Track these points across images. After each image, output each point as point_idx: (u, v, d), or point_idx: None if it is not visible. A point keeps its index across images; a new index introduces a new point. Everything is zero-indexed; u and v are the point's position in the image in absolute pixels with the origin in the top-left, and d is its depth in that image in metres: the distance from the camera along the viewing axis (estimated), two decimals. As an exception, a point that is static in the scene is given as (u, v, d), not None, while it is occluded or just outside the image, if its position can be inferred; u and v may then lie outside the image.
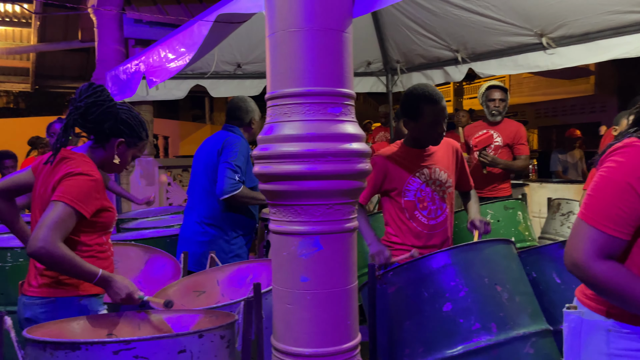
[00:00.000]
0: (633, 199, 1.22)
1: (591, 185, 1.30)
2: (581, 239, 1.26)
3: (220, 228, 2.88)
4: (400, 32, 5.14)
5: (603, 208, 1.24)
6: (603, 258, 1.24)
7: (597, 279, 1.23)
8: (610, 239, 1.23)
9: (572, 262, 1.26)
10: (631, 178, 1.22)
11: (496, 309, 1.62)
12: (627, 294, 1.21)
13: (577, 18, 3.91)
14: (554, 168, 6.94)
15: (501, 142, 3.92)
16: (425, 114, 2.20)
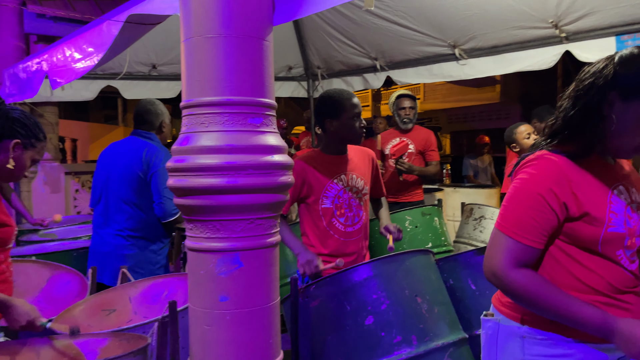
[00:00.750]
0: (545, 209, 1.27)
1: (506, 197, 1.34)
2: (498, 248, 1.29)
3: (147, 239, 2.71)
4: (321, 39, 5.17)
5: (518, 218, 1.28)
6: (519, 267, 1.28)
7: (514, 287, 1.26)
8: (526, 248, 1.27)
9: (490, 271, 1.30)
10: (543, 189, 1.27)
11: (416, 320, 1.64)
12: (541, 301, 1.26)
13: (486, 32, 4.13)
14: (465, 172, 7.30)
15: (414, 149, 4.06)
16: (346, 108, 2.26)
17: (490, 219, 3.61)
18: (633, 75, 1.24)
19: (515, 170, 1.38)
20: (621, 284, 1.31)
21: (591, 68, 1.33)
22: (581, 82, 1.33)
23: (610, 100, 1.27)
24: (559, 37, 3.79)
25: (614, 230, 1.28)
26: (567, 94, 1.38)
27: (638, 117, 1.25)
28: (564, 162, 1.30)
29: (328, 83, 5.62)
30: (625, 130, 1.28)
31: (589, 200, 1.28)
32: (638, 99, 1.24)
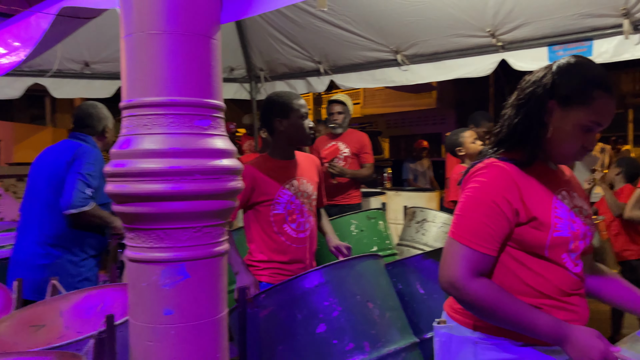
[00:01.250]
0: (499, 216, 1.28)
1: (459, 206, 1.34)
2: (455, 258, 1.28)
3: (66, 248, 2.54)
4: (264, 40, 5.10)
5: (473, 227, 1.28)
6: (476, 276, 1.28)
7: (472, 297, 1.26)
8: (482, 256, 1.28)
9: (448, 282, 1.28)
10: (496, 197, 1.28)
11: (368, 326, 1.62)
12: (498, 311, 1.26)
13: (427, 39, 4.22)
14: (405, 176, 7.45)
15: (349, 153, 4.09)
16: (295, 108, 2.25)
17: (431, 221, 3.68)
18: (570, 83, 1.28)
19: (465, 178, 1.39)
20: (567, 287, 1.34)
21: (531, 77, 1.37)
22: (522, 92, 1.36)
23: (549, 108, 1.31)
24: (495, 45, 3.94)
25: (559, 235, 1.31)
26: (510, 103, 1.40)
27: (577, 124, 1.29)
28: (513, 169, 1.32)
29: (271, 85, 5.56)
30: (565, 137, 1.31)
31: (536, 205, 1.31)
32: (576, 106, 1.28)
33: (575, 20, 3.52)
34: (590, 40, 3.62)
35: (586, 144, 1.32)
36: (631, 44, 3.46)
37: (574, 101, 1.28)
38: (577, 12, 3.46)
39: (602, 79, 1.29)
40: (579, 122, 1.29)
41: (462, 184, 1.39)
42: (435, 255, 2.03)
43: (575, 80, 1.29)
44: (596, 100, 1.28)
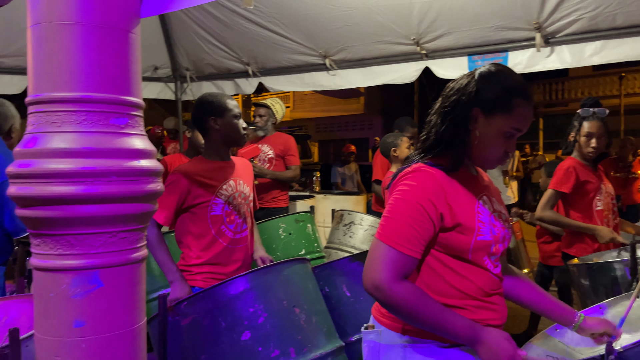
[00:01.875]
0: (425, 219, 1.30)
1: (387, 208, 1.34)
2: (380, 260, 1.28)
3: None
4: (190, 39, 4.96)
5: (400, 229, 1.29)
6: (401, 279, 1.28)
7: (395, 300, 1.26)
8: (407, 258, 1.29)
9: (372, 284, 1.28)
10: (423, 200, 1.30)
11: (294, 332, 1.60)
12: (419, 314, 1.27)
13: (355, 44, 4.28)
14: (334, 180, 7.53)
15: (273, 155, 4.07)
16: (229, 107, 2.22)
17: (359, 224, 3.73)
18: (493, 92, 1.33)
19: (393, 182, 1.39)
20: (488, 288, 1.39)
21: (455, 85, 1.40)
22: (447, 99, 1.39)
23: (474, 115, 1.34)
24: (419, 53, 4.07)
25: (482, 239, 1.35)
26: (435, 110, 1.43)
27: (500, 130, 1.34)
28: (439, 175, 1.34)
29: (197, 86, 5.42)
30: (489, 143, 1.36)
31: (461, 210, 1.34)
32: (499, 113, 1.33)
33: (492, 32, 3.71)
34: (506, 52, 3.83)
35: (508, 149, 1.38)
36: (542, 57, 3.70)
37: (497, 109, 1.33)
38: (494, 25, 3.65)
39: (521, 87, 1.35)
40: (501, 129, 1.34)
41: (390, 187, 1.40)
42: (362, 257, 2.04)
43: (497, 89, 1.34)
44: (516, 107, 1.33)
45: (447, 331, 1.29)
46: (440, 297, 1.35)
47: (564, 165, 2.74)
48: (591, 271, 2.25)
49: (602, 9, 3.26)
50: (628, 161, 6.23)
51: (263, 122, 4.16)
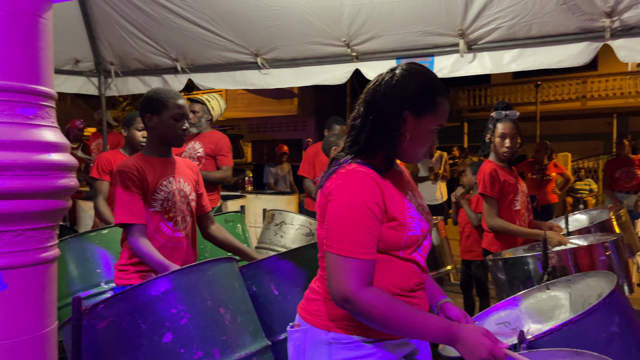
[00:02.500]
0: (374, 220, 1.31)
1: (332, 217, 1.32)
2: (344, 273, 1.27)
3: None
4: (114, 32, 4.75)
5: (354, 237, 1.28)
6: (367, 285, 1.28)
7: (368, 308, 1.26)
8: (368, 263, 1.29)
9: (342, 298, 1.27)
10: (368, 203, 1.30)
11: (219, 332, 1.56)
12: (393, 318, 1.27)
13: (287, 44, 4.28)
14: (266, 180, 7.48)
15: (203, 153, 3.94)
16: (169, 106, 2.14)
17: (290, 224, 3.72)
18: (420, 93, 1.37)
19: (326, 184, 1.38)
20: (414, 282, 1.42)
21: (378, 89, 1.39)
22: (375, 104, 1.38)
23: (404, 118, 1.37)
24: (350, 55, 4.13)
25: (413, 234, 1.38)
26: (360, 115, 1.40)
27: (428, 128, 1.39)
28: (374, 174, 1.36)
29: (123, 81, 5.20)
30: (419, 141, 1.40)
31: (394, 207, 1.37)
32: (426, 113, 1.37)
33: (419, 37, 3.83)
34: (432, 56, 3.97)
35: (433, 144, 1.44)
36: (465, 62, 3.87)
37: (425, 110, 1.38)
38: (421, 30, 3.77)
39: (441, 85, 1.41)
40: (429, 127, 1.39)
41: (324, 189, 1.38)
42: (290, 255, 2.03)
43: (425, 91, 1.38)
44: (440, 105, 1.39)
45: (422, 333, 1.30)
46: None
47: (486, 169, 2.85)
48: (507, 265, 2.37)
49: (519, 19, 3.46)
50: (543, 164, 6.64)
51: (196, 119, 4.03)
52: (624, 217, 3.03)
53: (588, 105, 16.12)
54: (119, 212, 2.01)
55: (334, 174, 1.37)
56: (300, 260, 2.03)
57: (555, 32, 3.54)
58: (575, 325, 1.36)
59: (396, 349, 1.39)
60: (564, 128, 16.37)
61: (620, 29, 3.34)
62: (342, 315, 1.37)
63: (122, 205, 2.01)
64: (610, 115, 15.60)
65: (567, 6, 3.27)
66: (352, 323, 1.36)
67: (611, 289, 1.42)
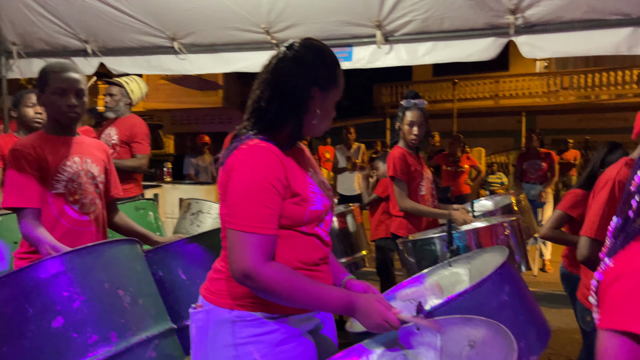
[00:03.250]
0: (275, 195, 1.30)
1: (233, 193, 1.30)
2: (244, 248, 1.25)
3: None
4: (16, 10, 4.41)
5: (255, 212, 1.27)
6: (269, 260, 1.27)
7: (269, 283, 1.25)
8: (269, 238, 1.28)
9: (242, 274, 1.25)
10: (269, 177, 1.29)
11: (117, 315, 1.48)
12: (295, 292, 1.27)
13: (205, 29, 4.17)
14: (186, 171, 7.28)
15: (117, 140, 3.74)
16: (50, 81, 1.99)
17: (207, 213, 3.64)
18: (327, 71, 1.38)
19: (227, 161, 1.35)
20: (317, 257, 1.43)
21: (284, 64, 1.38)
22: (283, 83, 1.36)
23: (312, 96, 1.37)
24: (270, 43, 4.08)
25: (316, 208, 1.39)
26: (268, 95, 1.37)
27: (333, 102, 1.41)
28: (276, 150, 1.34)
29: (27, 63, 4.83)
30: (325, 115, 1.41)
31: (297, 182, 1.37)
32: (332, 87, 1.39)
33: (337, 26, 3.86)
34: (350, 47, 4.02)
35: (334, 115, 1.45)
36: (383, 53, 3.95)
37: (331, 84, 1.39)
38: (339, 20, 3.81)
39: (336, 58, 1.43)
40: (333, 100, 1.42)
41: (225, 165, 1.35)
42: (200, 239, 1.98)
43: (329, 66, 1.40)
44: (339, 77, 1.42)
45: (323, 304, 1.31)
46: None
47: (395, 154, 2.95)
48: (415, 247, 2.45)
49: (432, 12, 3.58)
50: (457, 156, 6.96)
51: (114, 103, 3.81)
52: (523, 201, 3.24)
53: (500, 104, 17.12)
54: (7, 195, 1.87)
55: (235, 150, 1.35)
56: (210, 245, 1.98)
57: (465, 27, 3.70)
58: (469, 295, 1.42)
59: (301, 324, 1.40)
60: (478, 125, 17.28)
61: (523, 26, 3.55)
62: (245, 293, 1.35)
63: (12, 188, 1.87)
64: (520, 114, 16.65)
65: (475, 2, 3.43)
66: (255, 300, 1.35)
67: (502, 261, 1.50)
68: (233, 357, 1.33)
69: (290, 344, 1.35)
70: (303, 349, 1.37)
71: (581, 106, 15.99)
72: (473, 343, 1.19)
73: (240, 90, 18.83)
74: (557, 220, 2.66)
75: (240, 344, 1.33)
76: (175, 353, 1.63)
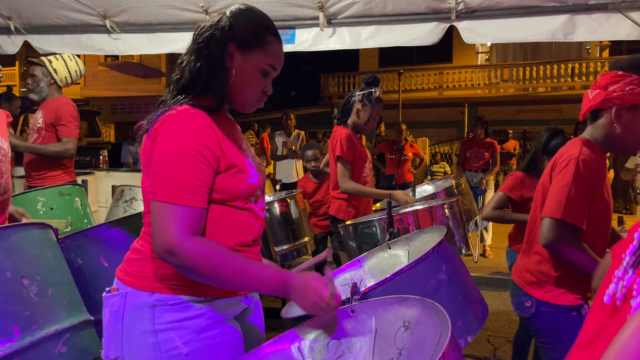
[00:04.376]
0: (205, 165, 1.20)
1: (158, 162, 1.19)
2: (168, 221, 1.14)
3: None
4: None
5: (181, 183, 1.16)
6: (195, 235, 1.16)
7: (192, 259, 1.14)
8: (196, 211, 1.18)
9: (164, 249, 1.14)
10: (198, 146, 1.19)
11: (20, 307, 1.32)
12: (224, 269, 1.17)
13: (139, 6, 3.95)
14: (124, 159, 6.97)
15: (43, 124, 3.44)
16: None
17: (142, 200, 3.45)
18: (247, 27, 1.29)
19: (153, 127, 1.24)
20: (251, 237, 1.33)
21: (206, 23, 1.32)
22: (200, 36, 1.30)
23: (230, 52, 1.28)
24: (209, 22, 3.92)
25: (252, 182, 1.30)
26: (188, 50, 1.33)
27: (256, 66, 1.30)
28: (206, 117, 1.24)
29: (-59, 40, 4.43)
30: (247, 81, 1.31)
31: (232, 152, 1.28)
32: (254, 49, 1.29)
33: (279, 7, 3.75)
34: (293, 29, 3.92)
35: (266, 89, 1.35)
36: (326, 36, 3.87)
37: (252, 45, 1.29)
38: (282, 0, 3.69)
39: (272, 25, 1.34)
40: (258, 66, 1.30)
41: (151, 133, 1.23)
42: (124, 223, 1.84)
43: (251, 24, 1.30)
44: (270, 44, 1.31)
45: (255, 284, 1.21)
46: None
47: (342, 134, 2.89)
48: (356, 231, 2.40)
49: (375, -5, 3.53)
50: (401, 145, 7.02)
51: (35, 84, 3.49)
52: (463, 185, 3.27)
53: (444, 95, 17.49)
54: None
55: (162, 116, 1.24)
56: (135, 229, 1.83)
57: (408, 11, 3.68)
58: (405, 274, 1.37)
59: (227, 309, 1.30)
60: (423, 115, 17.59)
61: (464, 11, 3.57)
62: (169, 274, 1.25)
63: None
64: (463, 105, 17.08)
65: (417, -15, 3.41)
66: (180, 282, 1.25)
67: (440, 239, 1.46)
68: (152, 344, 1.21)
69: (215, 330, 1.25)
70: (228, 335, 1.27)
71: (520, 98, 16.58)
72: (407, 323, 1.13)
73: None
74: (497, 201, 2.72)
75: (161, 330, 1.22)
76: (92, 347, 1.48)
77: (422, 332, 1.08)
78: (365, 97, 2.93)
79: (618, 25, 3.38)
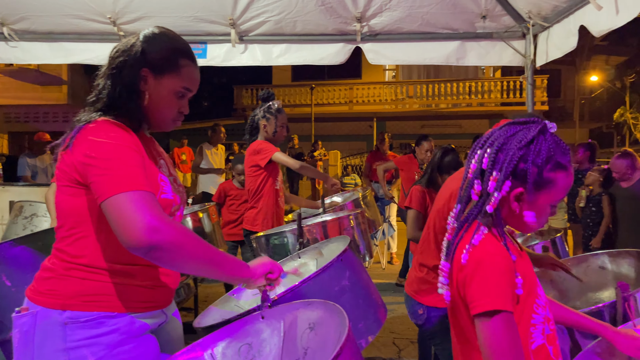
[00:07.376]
0: (141, 162, 1.24)
1: (98, 166, 1.19)
2: (133, 211, 1.13)
3: None
4: None
5: (129, 173, 1.18)
6: (161, 216, 1.16)
7: (179, 230, 1.17)
8: (153, 196, 1.19)
9: (146, 230, 1.12)
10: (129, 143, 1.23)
11: None
12: (199, 248, 1.20)
13: (41, 14, 3.80)
14: (22, 173, 6.51)
15: None
16: None
17: (43, 216, 3.30)
18: (160, 52, 1.33)
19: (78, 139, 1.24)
20: None
21: (120, 46, 1.35)
22: (114, 61, 1.33)
23: (143, 76, 1.32)
24: (117, 35, 3.85)
25: (165, 197, 1.33)
26: (103, 73, 1.35)
27: (171, 90, 1.35)
28: (127, 129, 1.28)
29: None
30: (162, 103, 1.36)
31: (148, 165, 1.30)
32: (168, 74, 1.34)
33: (190, 22, 3.78)
34: (204, 44, 3.96)
35: (182, 109, 1.40)
36: (238, 52, 3.95)
37: (165, 69, 1.33)
38: (193, 15, 3.73)
39: (187, 48, 1.39)
40: (172, 89, 1.35)
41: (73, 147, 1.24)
42: (28, 240, 1.79)
43: (163, 48, 1.34)
44: (184, 67, 1.36)
45: (220, 269, 1.28)
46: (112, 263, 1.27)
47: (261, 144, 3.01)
48: (268, 242, 2.49)
49: (285, 15, 3.67)
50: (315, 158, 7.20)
51: None
52: (369, 197, 3.48)
53: (354, 110, 18.11)
54: None
55: (82, 129, 1.25)
56: (41, 246, 1.80)
57: (317, 32, 3.87)
58: (312, 281, 1.48)
59: (141, 323, 1.32)
60: (335, 129, 18.08)
61: (368, 33, 3.81)
62: (81, 291, 1.26)
63: None
64: (372, 119, 17.78)
65: (325, 7, 3.60)
66: (93, 298, 1.26)
67: (344, 248, 1.59)
68: None
69: (129, 344, 1.27)
70: (143, 349, 1.29)
71: (424, 113, 17.58)
72: (312, 325, 1.24)
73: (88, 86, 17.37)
74: (416, 220, 2.81)
75: (73, 348, 1.22)
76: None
77: (325, 332, 1.20)
78: (266, 112, 3.06)
79: (502, 52, 3.80)
